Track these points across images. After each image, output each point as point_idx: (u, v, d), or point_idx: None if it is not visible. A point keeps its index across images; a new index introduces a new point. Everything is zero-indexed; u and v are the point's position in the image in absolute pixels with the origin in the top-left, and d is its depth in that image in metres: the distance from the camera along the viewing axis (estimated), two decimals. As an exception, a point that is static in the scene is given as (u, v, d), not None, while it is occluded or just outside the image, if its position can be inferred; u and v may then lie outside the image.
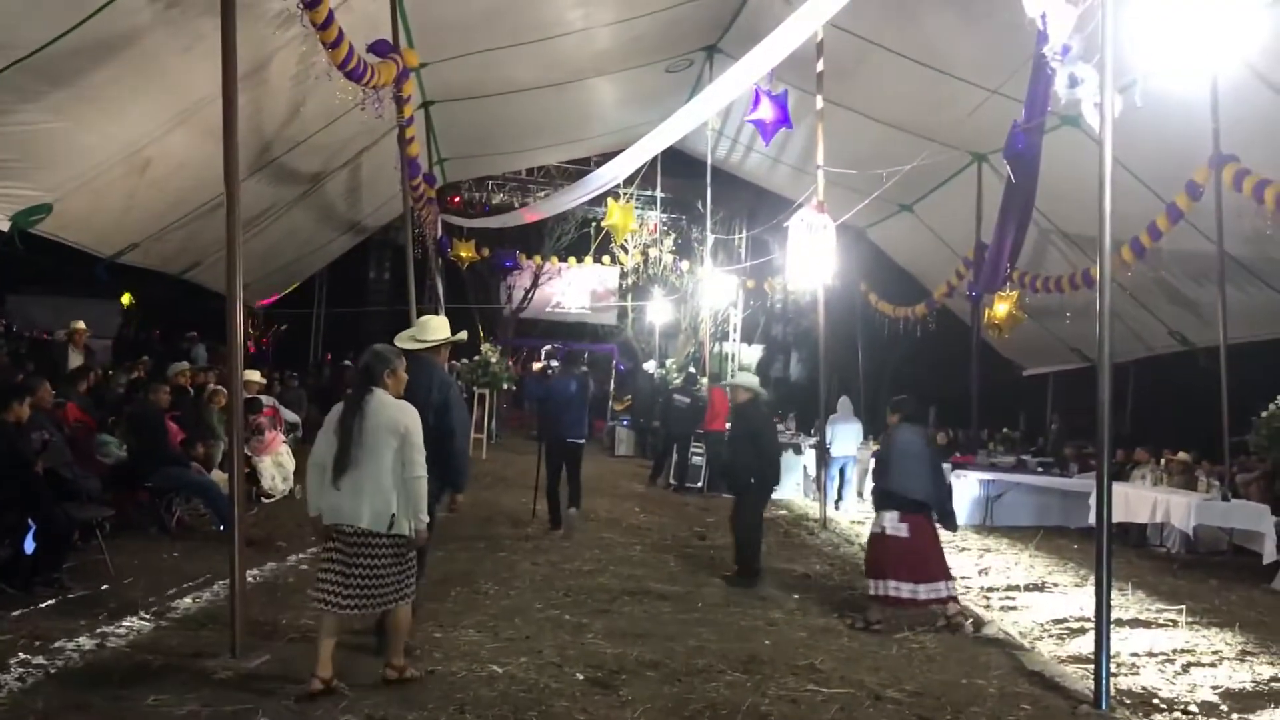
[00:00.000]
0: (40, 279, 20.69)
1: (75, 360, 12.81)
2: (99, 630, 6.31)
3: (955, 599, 8.06)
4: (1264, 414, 12.69)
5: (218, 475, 10.17)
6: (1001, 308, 16.27)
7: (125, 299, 23.48)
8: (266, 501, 11.48)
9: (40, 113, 8.56)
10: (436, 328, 6.70)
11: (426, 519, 5.54)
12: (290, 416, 15.07)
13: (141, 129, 10.08)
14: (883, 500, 8.15)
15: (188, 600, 7.22)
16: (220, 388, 11.48)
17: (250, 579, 7.43)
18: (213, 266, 15.01)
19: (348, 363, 23.63)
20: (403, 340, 6.49)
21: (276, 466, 11.90)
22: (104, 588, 7.40)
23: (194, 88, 9.77)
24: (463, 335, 6.99)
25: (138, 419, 9.75)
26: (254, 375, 12.96)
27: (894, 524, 7.97)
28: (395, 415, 5.44)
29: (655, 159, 17.91)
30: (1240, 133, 10.75)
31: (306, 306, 27.12)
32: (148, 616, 6.71)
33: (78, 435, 9.27)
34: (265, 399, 13.81)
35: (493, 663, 6.12)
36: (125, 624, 6.49)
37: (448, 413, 6.30)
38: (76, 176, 9.97)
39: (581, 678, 5.98)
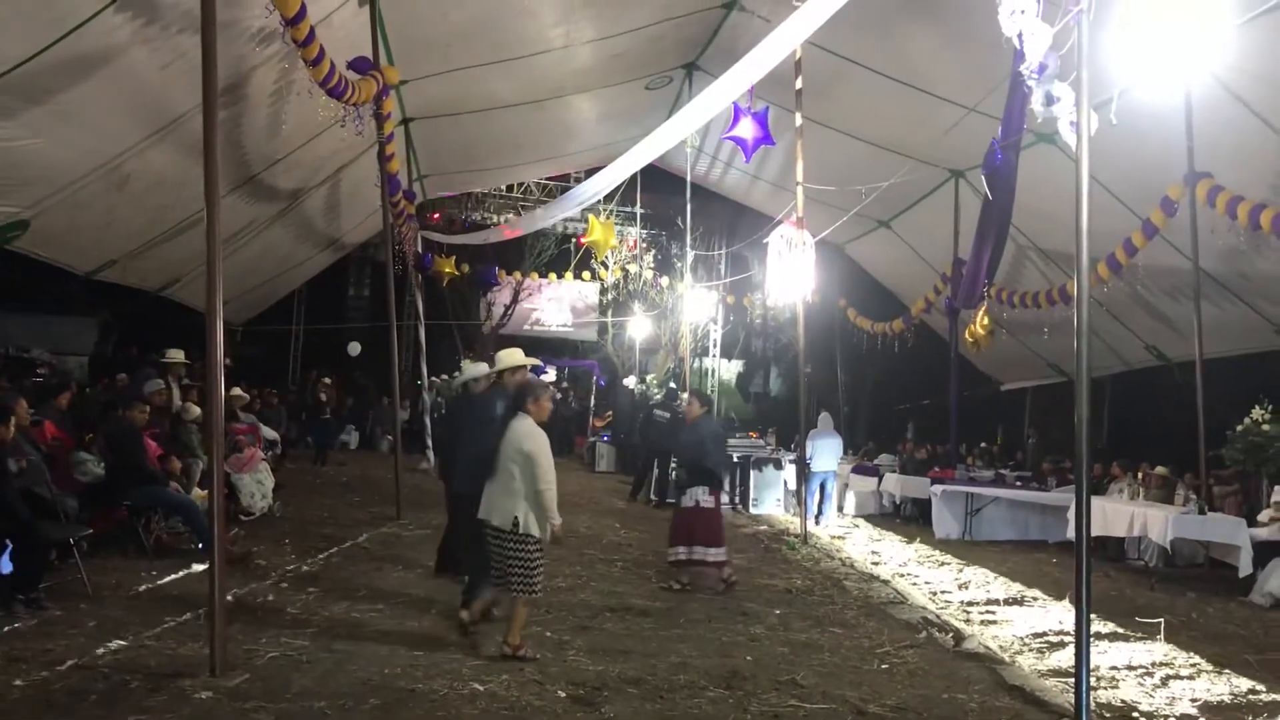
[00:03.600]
0: (14, 295, 20.46)
1: (176, 393, 12.30)
2: (77, 649, 6.26)
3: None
4: (1239, 428, 12.82)
5: (197, 493, 10.10)
6: (983, 322, 16.39)
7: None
8: (246, 519, 11.40)
9: (16, 129, 8.53)
10: (503, 359, 7.97)
11: (558, 520, 6.68)
12: (269, 434, 14.98)
13: (120, 145, 10.05)
14: (695, 478, 9.70)
15: (167, 619, 7.16)
16: (192, 405, 11.43)
17: (230, 597, 7.38)
18: (192, 283, 14.96)
19: (326, 380, 23.59)
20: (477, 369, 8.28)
21: (256, 484, 11.81)
22: (82, 607, 7.33)
23: (173, 104, 9.76)
24: (524, 361, 8.03)
25: (115, 437, 9.67)
26: (237, 391, 12.93)
27: (705, 497, 9.63)
28: (522, 439, 6.63)
29: (635, 176, 17.98)
30: (1213, 150, 10.86)
31: (285, 323, 27.00)
32: (126, 635, 6.64)
33: (55, 454, 9.19)
34: (245, 416, 13.74)
35: (474, 680, 6.11)
36: (103, 643, 6.43)
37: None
38: (54, 193, 9.93)
39: (563, 695, 5.96)
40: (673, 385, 20.95)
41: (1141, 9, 6.01)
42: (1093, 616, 6.82)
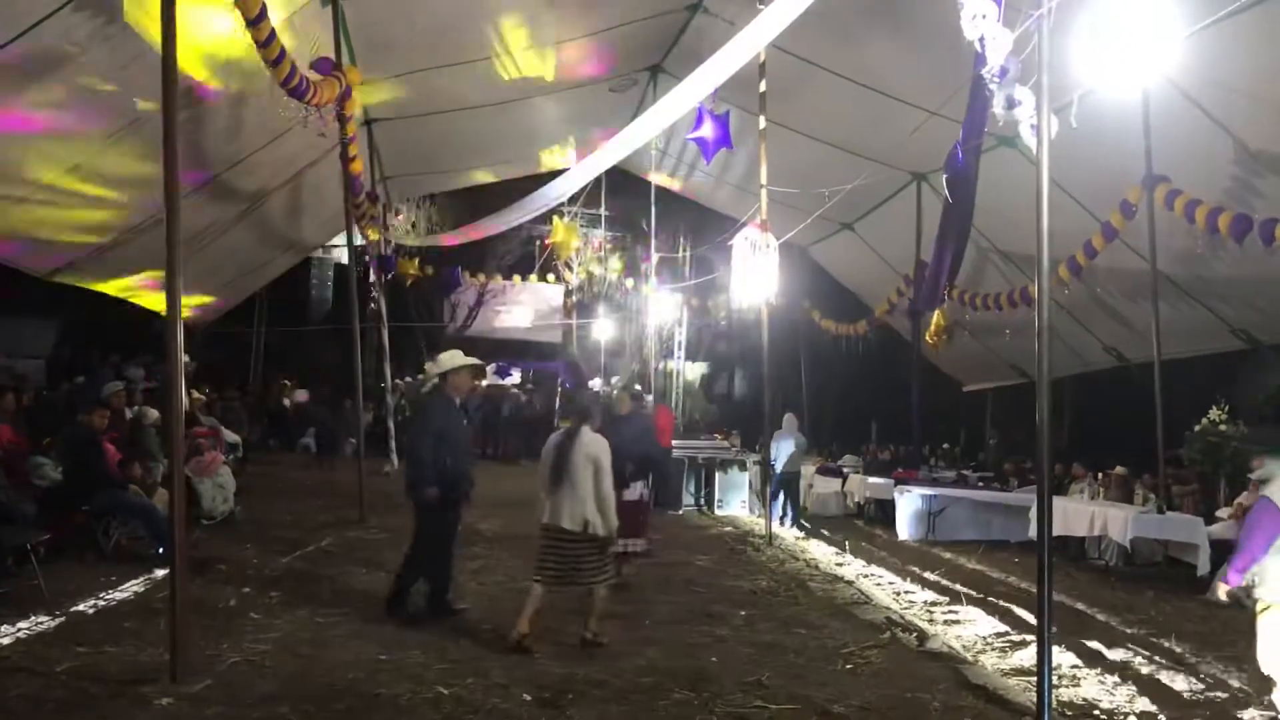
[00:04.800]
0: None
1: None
2: (35, 656, 6.17)
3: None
4: (1196, 428, 12.99)
5: (160, 494, 9.98)
6: (938, 322, 16.53)
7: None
8: (207, 524, 11.29)
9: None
10: (445, 361, 8.07)
11: (615, 523, 7.16)
12: (231, 437, 14.86)
13: (77, 145, 9.90)
14: (638, 472, 9.75)
15: (127, 625, 7.09)
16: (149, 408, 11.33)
17: (190, 603, 7.30)
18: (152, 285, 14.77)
19: (286, 382, 23.49)
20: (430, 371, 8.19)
21: (217, 488, 11.72)
22: (39, 613, 7.24)
23: (132, 104, 9.62)
24: (466, 361, 8.09)
25: (74, 441, 9.55)
26: (194, 394, 12.80)
27: (642, 490, 9.91)
28: (592, 448, 7.14)
29: (599, 178, 17.96)
30: (1171, 154, 11.00)
31: (247, 325, 26.73)
32: (85, 642, 6.57)
33: (10, 458, 9.07)
34: (205, 419, 13.62)
35: (439, 684, 6.08)
36: (61, 650, 6.35)
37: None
38: (8, 194, 9.77)
39: (529, 698, 5.95)
40: (638, 387, 20.93)
41: (1100, 14, 6.08)
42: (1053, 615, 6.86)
